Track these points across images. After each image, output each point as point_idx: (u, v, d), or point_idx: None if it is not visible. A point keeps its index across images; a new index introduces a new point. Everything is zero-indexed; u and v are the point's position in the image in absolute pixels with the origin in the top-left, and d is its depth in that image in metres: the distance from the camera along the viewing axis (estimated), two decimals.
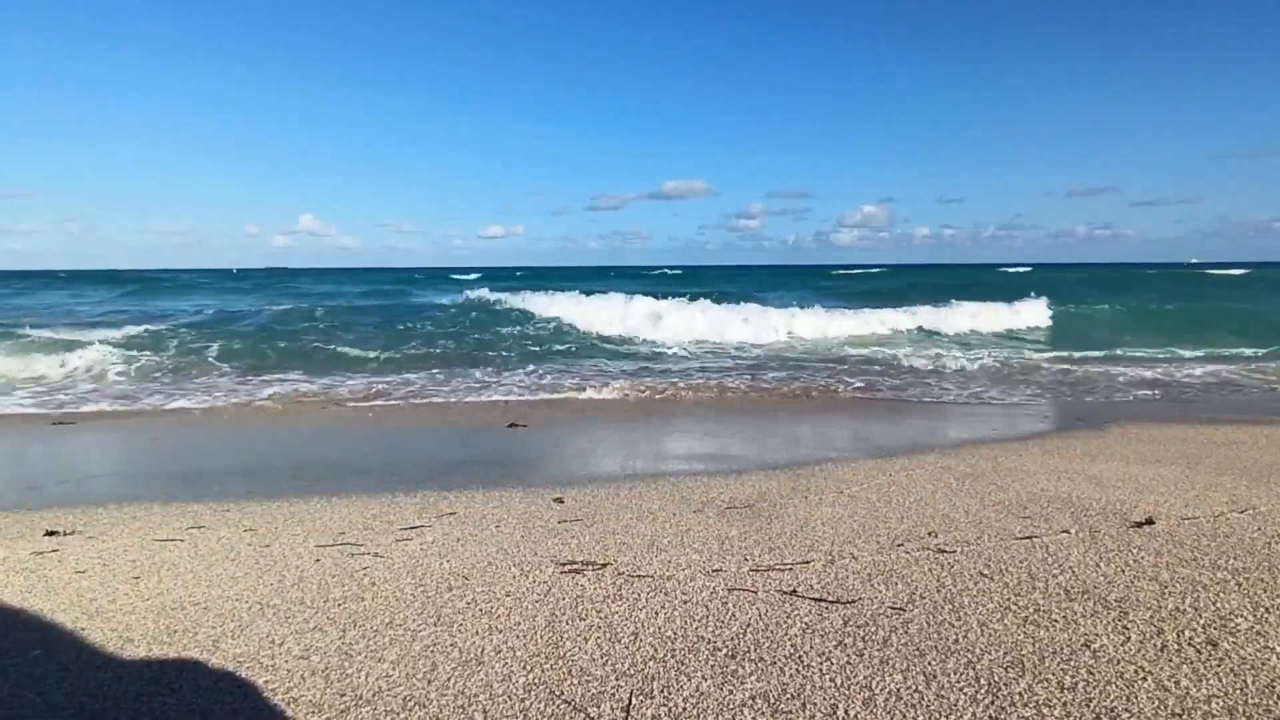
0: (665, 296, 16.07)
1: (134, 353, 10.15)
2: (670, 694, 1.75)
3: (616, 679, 1.83)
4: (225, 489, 3.96)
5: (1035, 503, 3.35)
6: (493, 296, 17.99)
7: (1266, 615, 2.10)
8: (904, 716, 1.64)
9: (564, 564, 2.66)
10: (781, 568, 2.57)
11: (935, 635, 2.02)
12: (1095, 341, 12.89)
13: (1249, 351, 11.52)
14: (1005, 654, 1.90)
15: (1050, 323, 16.08)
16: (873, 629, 2.07)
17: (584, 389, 8.05)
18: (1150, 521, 3.00)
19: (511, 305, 16.72)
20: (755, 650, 1.96)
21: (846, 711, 1.66)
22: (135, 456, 5.13)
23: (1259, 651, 1.89)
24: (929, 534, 2.92)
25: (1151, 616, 2.11)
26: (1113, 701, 1.67)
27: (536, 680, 1.83)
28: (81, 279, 46.09)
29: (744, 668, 1.87)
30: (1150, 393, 7.82)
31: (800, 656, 1.92)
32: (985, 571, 2.49)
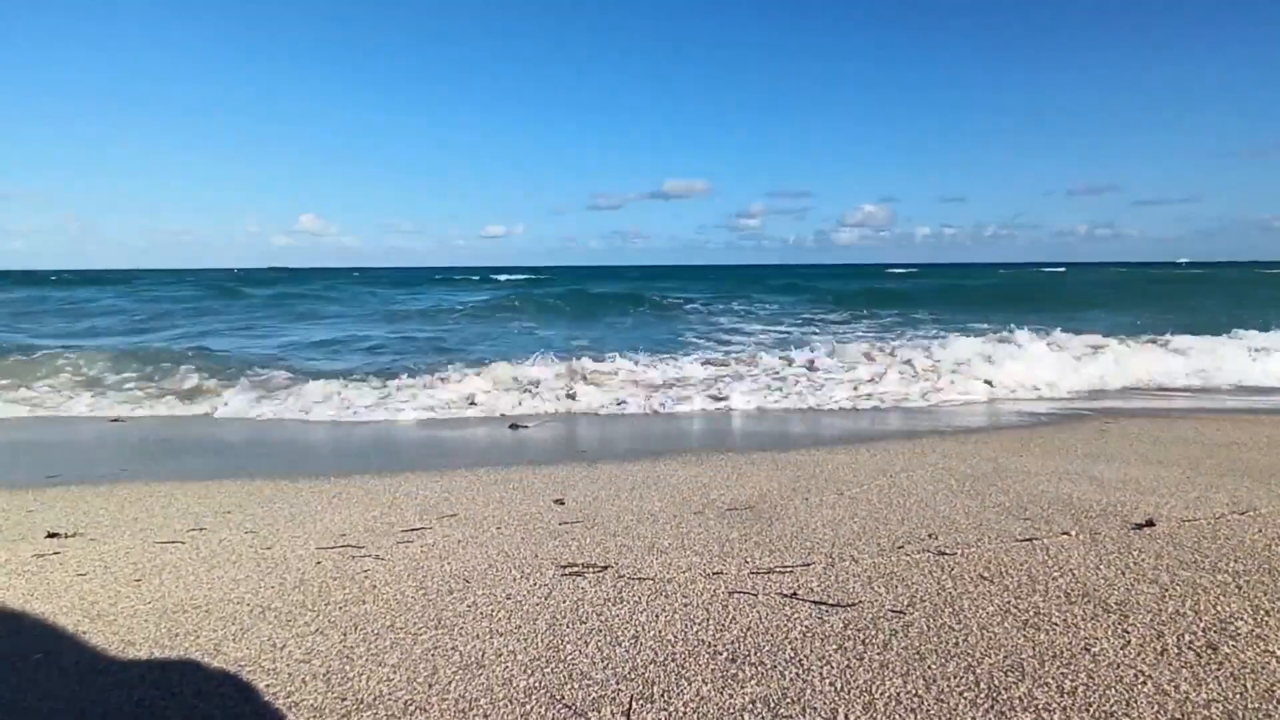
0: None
1: None
2: (670, 698, 1.76)
3: (617, 683, 1.83)
4: (225, 487, 3.96)
5: (1036, 504, 3.35)
6: None
7: (1267, 619, 2.10)
8: None
9: (565, 566, 2.66)
10: (782, 570, 2.57)
11: (935, 639, 2.02)
12: None
13: None
14: (1005, 658, 1.91)
15: None
16: (873, 632, 2.07)
17: None
18: (1151, 523, 3.00)
19: None
20: (755, 654, 1.96)
21: (846, 716, 1.67)
22: (150, 454, 5.13)
23: (1259, 655, 1.89)
24: (929, 536, 2.92)
25: (1151, 620, 2.11)
26: (1112, 706, 1.67)
27: (537, 684, 1.83)
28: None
29: (744, 671, 1.87)
30: None
31: (801, 660, 1.92)
32: (986, 574, 2.49)
